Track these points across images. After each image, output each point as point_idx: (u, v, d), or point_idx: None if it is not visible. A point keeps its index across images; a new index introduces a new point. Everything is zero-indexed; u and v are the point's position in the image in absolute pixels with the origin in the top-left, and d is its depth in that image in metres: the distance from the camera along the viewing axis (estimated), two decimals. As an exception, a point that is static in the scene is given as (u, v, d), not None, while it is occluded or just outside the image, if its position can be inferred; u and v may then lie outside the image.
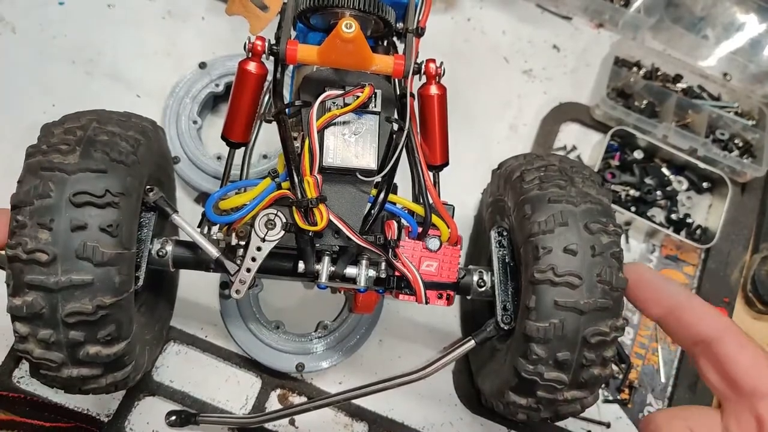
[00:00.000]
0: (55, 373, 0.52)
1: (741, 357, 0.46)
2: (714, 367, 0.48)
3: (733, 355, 0.47)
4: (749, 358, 0.46)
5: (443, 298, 0.63)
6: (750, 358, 0.46)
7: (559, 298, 0.52)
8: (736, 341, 0.47)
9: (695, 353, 0.50)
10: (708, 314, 0.49)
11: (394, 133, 0.57)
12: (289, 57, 0.53)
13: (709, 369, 0.49)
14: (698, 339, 0.49)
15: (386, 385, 0.62)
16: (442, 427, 0.76)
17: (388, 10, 0.57)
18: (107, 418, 0.71)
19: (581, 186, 0.57)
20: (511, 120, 0.95)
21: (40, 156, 0.51)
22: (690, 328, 0.48)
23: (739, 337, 0.48)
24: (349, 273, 0.58)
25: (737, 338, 0.47)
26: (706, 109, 0.97)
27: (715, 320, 0.49)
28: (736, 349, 0.47)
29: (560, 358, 0.53)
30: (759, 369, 0.46)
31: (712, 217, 0.93)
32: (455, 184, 0.72)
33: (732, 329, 0.48)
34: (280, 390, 0.76)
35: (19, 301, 0.49)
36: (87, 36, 0.90)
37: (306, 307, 0.80)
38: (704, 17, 1.05)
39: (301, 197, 0.55)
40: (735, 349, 0.47)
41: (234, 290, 0.57)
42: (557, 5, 1.04)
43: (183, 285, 0.78)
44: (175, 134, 0.83)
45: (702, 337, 0.48)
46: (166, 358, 0.75)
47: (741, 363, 0.46)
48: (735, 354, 0.47)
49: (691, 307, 0.49)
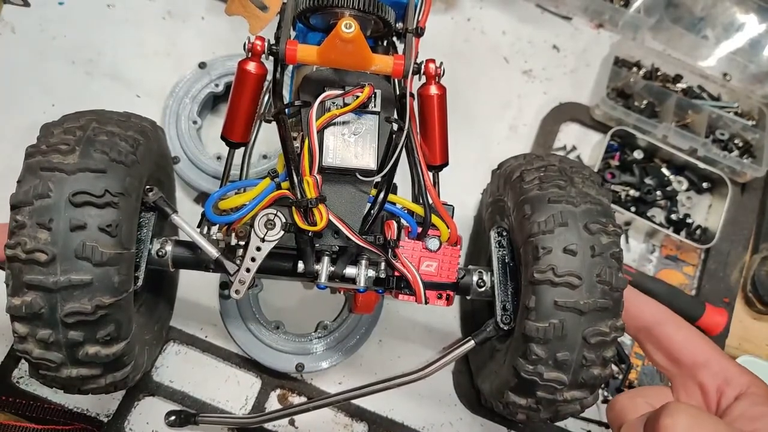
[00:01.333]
0: (55, 373, 0.52)
1: (679, 336, 0.53)
2: (658, 349, 0.55)
3: (672, 335, 0.54)
4: (685, 336, 0.53)
5: (443, 299, 0.63)
6: (686, 336, 0.53)
7: (559, 299, 0.52)
8: (674, 324, 0.54)
9: (640, 339, 0.57)
10: (647, 304, 0.56)
11: (393, 133, 0.57)
12: (288, 57, 0.53)
13: (654, 351, 0.55)
14: (641, 326, 0.56)
15: (386, 385, 0.62)
16: (442, 427, 0.76)
17: (387, 10, 0.57)
18: (107, 419, 0.71)
19: (581, 186, 0.57)
20: (511, 120, 0.95)
21: (39, 156, 0.51)
22: (634, 319, 0.56)
23: (676, 320, 0.55)
24: (348, 273, 0.58)
25: (674, 321, 0.55)
26: (706, 109, 0.97)
27: (654, 308, 0.56)
28: (674, 330, 0.54)
29: (560, 359, 0.53)
30: (695, 344, 0.53)
31: (712, 218, 0.93)
32: (455, 184, 0.72)
33: (669, 315, 0.55)
34: (279, 390, 0.76)
35: (18, 301, 0.49)
36: (87, 36, 0.90)
37: (306, 308, 0.80)
38: (704, 17, 1.05)
39: (301, 197, 0.55)
40: (673, 330, 0.54)
41: (233, 290, 0.57)
42: (557, 5, 1.04)
43: (183, 285, 0.78)
44: (175, 134, 0.83)
45: (644, 323, 0.55)
46: (165, 358, 0.75)
47: (679, 341, 0.53)
48: (673, 334, 0.54)
49: (633, 300, 0.56)
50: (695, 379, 0.51)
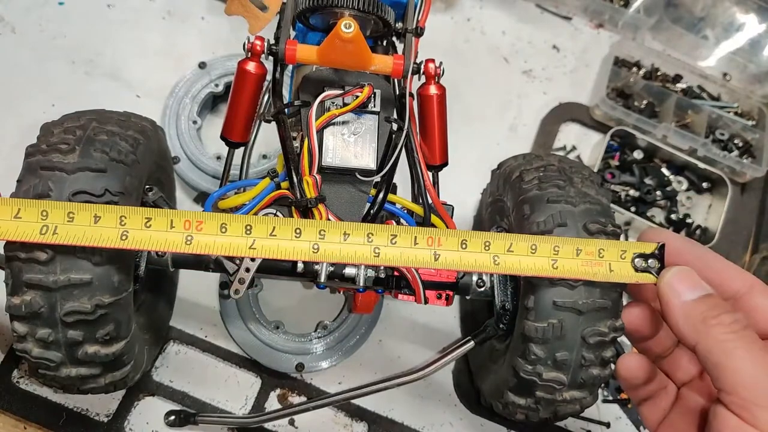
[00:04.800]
0: (54, 372, 0.52)
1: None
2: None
3: (764, 305, 0.49)
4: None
5: (442, 298, 0.63)
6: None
7: (558, 298, 0.52)
8: (764, 293, 0.49)
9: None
10: (735, 271, 0.51)
11: (393, 133, 0.57)
12: (288, 57, 0.53)
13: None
14: (728, 295, 0.50)
15: (386, 385, 0.62)
16: (441, 427, 0.76)
17: (387, 10, 0.57)
18: (107, 418, 0.71)
19: (580, 186, 0.57)
20: (511, 120, 0.95)
21: (39, 155, 0.51)
22: (719, 287, 0.50)
23: (765, 289, 0.50)
24: (348, 273, 0.58)
25: (764, 290, 0.50)
26: (705, 109, 0.97)
27: (742, 276, 0.51)
28: (765, 300, 0.49)
29: (559, 358, 0.53)
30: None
31: (712, 217, 0.93)
32: (455, 184, 0.72)
33: (758, 283, 0.50)
34: (279, 390, 0.76)
35: (17, 300, 0.49)
36: (87, 36, 0.90)
37: (306, 307, 0.80)
38: (704, 17, 1.05)
39: (301, 197, 0.55)
40: (764, 301, 0.49)
41: (233, 290, 0.57)
42: (557, 5, 1.04)
43: (183, 285, 0.78)
44: (175, 134, 0.83)
45: (732, 293, 0.50)
46: (165, 358, 0.75)
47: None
48: (766, 304, 0.49)
49: (717, 266, 0.51)
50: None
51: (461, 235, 0.51)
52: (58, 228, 0.47)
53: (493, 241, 0.51)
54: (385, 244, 0.50)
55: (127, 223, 0.48)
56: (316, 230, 0.50)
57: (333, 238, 0.50)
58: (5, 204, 0.48)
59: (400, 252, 0.51)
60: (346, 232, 0.50)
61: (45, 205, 0.48)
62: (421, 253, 0.51)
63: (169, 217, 0.49)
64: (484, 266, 0.51)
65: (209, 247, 0.49)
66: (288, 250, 0.50)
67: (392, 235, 0.51)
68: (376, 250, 0.50)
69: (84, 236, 0.47)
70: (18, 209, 0.47)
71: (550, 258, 0.51)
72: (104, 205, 0.49)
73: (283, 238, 0.50)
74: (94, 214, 0.48)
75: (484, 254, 0.51)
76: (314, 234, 0.50)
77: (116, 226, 0.48)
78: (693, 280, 0.48)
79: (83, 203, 0.49)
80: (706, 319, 0.44)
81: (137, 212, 0.49)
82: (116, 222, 0.48)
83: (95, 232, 0.48)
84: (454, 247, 0.51)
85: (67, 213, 0.48)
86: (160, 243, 0.49)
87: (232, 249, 0.49)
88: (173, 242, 0.49)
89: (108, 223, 0.48)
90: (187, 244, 0.49)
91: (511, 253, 0.51)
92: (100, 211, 0.48)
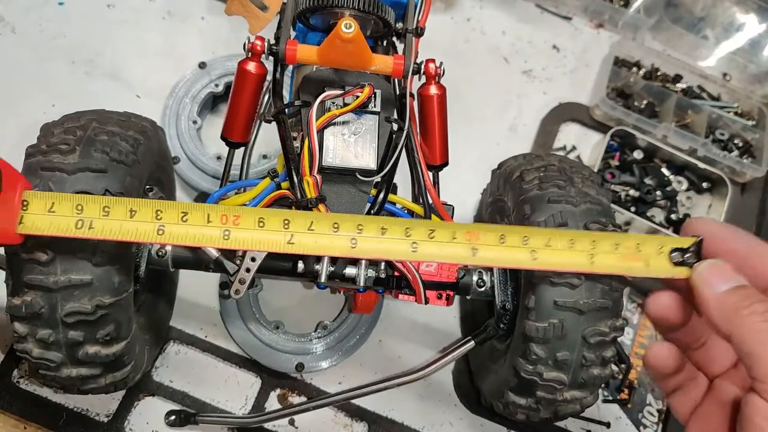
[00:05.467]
0: (54, 372, 0.52)
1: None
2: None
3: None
4: None
5: (443, 298, 0.63)
6: None
7: (559, 298, 0.52)
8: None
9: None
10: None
11: (393, 133, 0.57)
12: (288, 57, 0.53)
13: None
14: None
15: (386, 385, 0.62)
16: (442, 427, 0.76)
17: (387, 10, 0.57)
18: (107, 418, 0.71)
19: (581, 186, 0.57)
20: (511, 120, 0.95)
21: (39, 156, 0.51)
22: (764, 274, 0.48)
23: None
24: (348, 273, 0.58)
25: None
26: (705, 109, 0.97)
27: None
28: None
29: (560, 358, 0.53)
30: None
31: (712, 217, 0.93)
32: (455, 184, 0.72)
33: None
34: (279, 390, 0.76)
35: (18, 301, 0.49)
36: (87, 36, 0.90)
37: (306, 307, 0.80)
38: (704, 17, 1.05)
39: (301, 197, 0.55)
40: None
41: (233, 290, 0.57)
42: (557, 5, 1.04)
43: (183, 285, 0.78)
44: (175, 134, 0.83)
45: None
46: (165, 358, 0.75)
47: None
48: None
49: (764, 252, 0.50)
50: None
51: (500, 230, 0.50)
52: (93, 222, 0.46)
53: (531, 236, 0.50)
54: (423, 239, 0.49)
55: (163, 217, 0.47)
56: (354, 225, 0.49)
57: (370, 233, 0.49)
58: (38, 198, 0.46)
59: (439, 247, 0.49)
60: (384, 227, 0.49)
61: (80, 199, 0.47)
62: (459, 249, 0.50)
63: (206, 211, 0.48)
64: (523, 262, 0.50)
65: (246, 243, 0.48)
66: (326, 246, 0.49)
67: (430, 230, 0.50)
68: (414, 245, 0.49)
69: (120, 231, 0.46)
70: (52, 203, 0.46)
71: (588, 252, 0.50)
72: (139, 199, 0.48)
73: (322, 233, 0.49)
74: (129, 208, 0.47)
75: (523, 250, 0.50)
76: (353, 228, 0.49)
77: (152, 220, 0.47)
78: (725, 271, 0.47)
79: (117, 196, 0.48)
80: (739, 309, 0.44)
81: (173, 206, 0.48)
82: (152, 216, 0.47)
83: (132, 226, 0.47)
84: (494, 242, 0.50)
85: (103, 207, 0.47)
86: (197, 238, 0.47)
87: (269, 245, 0.48)
88: (211, 237, 0.48)
89: (144, 217, 0.47)
90: (225, 240, 0.48)
91: (549, 248, 0.50)
92: (135, 205, 0.47)
